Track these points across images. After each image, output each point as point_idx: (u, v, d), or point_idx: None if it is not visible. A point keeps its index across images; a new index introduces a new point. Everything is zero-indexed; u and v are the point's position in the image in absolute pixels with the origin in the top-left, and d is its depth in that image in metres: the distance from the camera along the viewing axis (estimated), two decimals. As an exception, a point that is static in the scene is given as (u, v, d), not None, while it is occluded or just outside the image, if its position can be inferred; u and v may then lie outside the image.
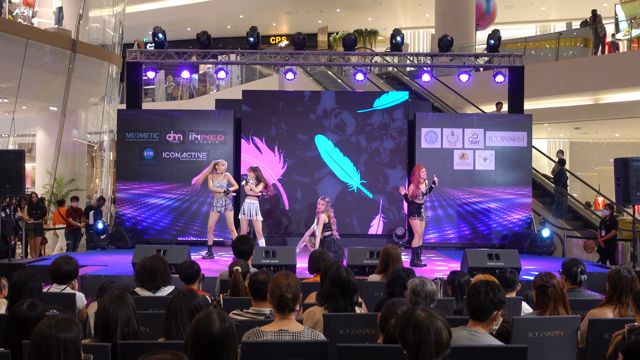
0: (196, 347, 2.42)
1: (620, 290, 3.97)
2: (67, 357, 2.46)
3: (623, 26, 16.33)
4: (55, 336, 2.46)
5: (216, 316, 2.47)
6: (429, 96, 15.60)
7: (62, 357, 2.45)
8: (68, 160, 15.88)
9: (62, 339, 2.47)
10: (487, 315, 3.08)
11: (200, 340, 2.42)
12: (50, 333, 2.47)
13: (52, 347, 2.45)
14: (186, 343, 2.47)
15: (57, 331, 2.48)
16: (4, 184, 8.34)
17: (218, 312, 2.51)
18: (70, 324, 2.53)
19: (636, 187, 8.44)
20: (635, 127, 18.48)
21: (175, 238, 10.98)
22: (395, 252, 5.12)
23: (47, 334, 2.47)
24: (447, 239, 11.14)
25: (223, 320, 2.47)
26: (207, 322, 2.45)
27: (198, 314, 2.56)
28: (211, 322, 2.44)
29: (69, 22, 15.84)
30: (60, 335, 2.48)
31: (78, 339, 2.53)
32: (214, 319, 2.46)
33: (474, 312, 3.10)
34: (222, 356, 2.43)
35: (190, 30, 26.61)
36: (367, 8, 24.02)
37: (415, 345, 2.35)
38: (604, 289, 4.19)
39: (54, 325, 2.49)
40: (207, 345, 2.41)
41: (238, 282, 4.35)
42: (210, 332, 2.42)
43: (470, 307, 3.12)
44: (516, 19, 24.20)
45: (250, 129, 11.35)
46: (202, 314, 2.51)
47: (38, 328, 2.51)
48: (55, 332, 2.47)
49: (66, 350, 2.46)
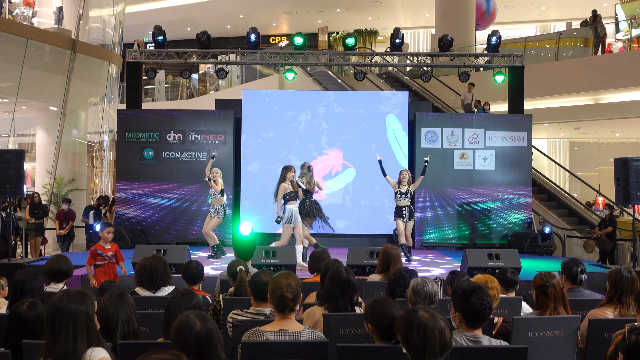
0: (184, 348, 2.44)
1: (620, 290, 3.97)
2: (75, 328, 2.52)
3: (623, 26, 16.33)
4: (66, 307, 2.54)
5: (194, 316, 2.52)
6: (429, 96, 15.61)
7: (70, 328, 2.51)
8: (68, 160, 15.88)
9: (73, 310, 2.54)
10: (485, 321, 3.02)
11: (187, 342, 2.46)
12: (62, 305, 2.55)
13: (63, 318, 2.52)
14: (172, 348, 2.48)
15: (68, 302, 2.56)
16: (4, 183, 8.33)
17: (195, 313, 2.56)
18: (83, 297, 2.61)
19: (636, 187, 8.43)
20: (635, 127, 18.48)
21: (175, 238, 10.98)
22: (396, 252, 5.12)
23: (58, 305, 2.55)
24: (447, 238, 11.13)
25: (203, 319, 2.52)
26: (187, 324, 2.49)
27: (175, 319, 2.59)
28: (191, 323, 2.49)
29: (69, 22, 15.84)
30: (72, 306, 2.55)
31: (90, 312, 2.59)
32: (193, 319, 2.50)
33: (470, 318, 2.99)
34: (211, 353, 2.47)
35: (190, 30, 26.62)
36: (367, 8, 24.02)
37: (420, 347, 2.35)
38: (604, 289, 4.19)
39: (65, 297, 2.58)
40: (195, 345, 2.45)
41: (244, 282, 4.28)
42: (195, 332, 2.47)
43: (466, 313, 2.99)
44: (516, 19, 24.21)
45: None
46: (180, 318, 2.55)
47: (52, 300, 2.60)
48: (67, 304, 2.55)
49: (75, 322, 2.52)
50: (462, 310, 2.98)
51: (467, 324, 2.98)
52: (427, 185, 11.07)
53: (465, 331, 2.99)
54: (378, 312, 2.97)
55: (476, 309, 2.94)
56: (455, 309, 3.02)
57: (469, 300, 2.95)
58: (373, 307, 3.00)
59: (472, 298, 2.94)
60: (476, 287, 3.00)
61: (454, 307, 3.03)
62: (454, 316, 3.02)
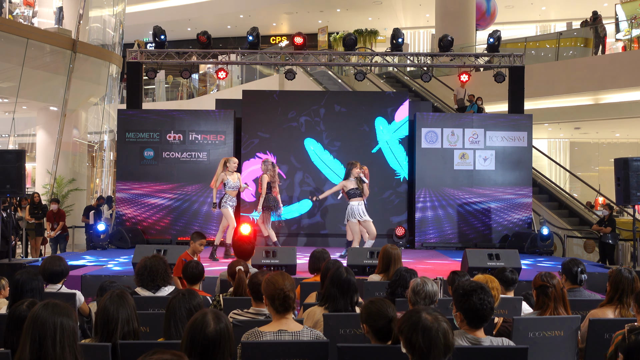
0: (191, 347, 2.42)
1: (621, 290, 3.97)
2: (62, 341, 2.39)
3: (623, 26, 16.33)
4: (50, 319, 2.40)
5: (211, 317, 2.46)
6: (429, 96, 15.61)
7: (57, 340, 2.38)
8: (68, 160, 15.88)
9: (58, 322, 2.40)
10: (486, 321, 3.01)
11: (195, 340, 2.42)
12: (45, 315, 2.40)
13: (46, 329, 2.38)
14: (182, 343, 2.47)
15: (52, 314, 2.41)
16: (4, 184, 8.33)
17: (214, 313, 2.50)
18: (65, 309, 2.47)
19: (636, 187, 8.43)
20: (635, 127, 18.49)
21: (176, 238, 10.97)
22: (395, 252, 5.12)
23: (42, 316, 2.40)
24: (447, 238, 11.13)
25: (218, 321, 2.46)
26: (202, 322, 2.44)
27: (194, 314, 2.55)
28: (206, 322, 2.44)
29: (69, 22, 15.85)
30: (56, 318, 2.41)
31: (73, 324, 2.46)
32: (209, 319, 2.45)
33: (471, 318, 2.98)
34: (217, 357, 2.42)
35: (190, 30, 26.63)
36: (367, 8, 24.03)
37: (425, 350, 2.36)
38: (604, 289, 4.19)
39: (49, 308, 2.43)
40: (201, 346, 2.41)
41: (243, 282, 4.32)
42: (205, 332, 2.42)
43: (467, 313, 2.98)
44: (516, 19, 24.21)
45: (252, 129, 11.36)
46: (198, 314, 2.51)
47: (33, 310, 2.43)
48: (50, 315, 2.41)
49: (62, 334, 2.39)
50: (463, 310, 2.97)
51: (469, 324, 2.98)
52: (427, 185, 11.07)
53: (467, 333, 2.98)
54: (373, 313, 2.97)
55: (477, 309, 2.93)
56: (457, 309, 3.02)
57: (469, 300, 2.94)
58: (368, 308, 3.01)
59: (473, 298, 2.93)
60: (477, 286, 2.99)
61: (455, 306, 3.03)
62: (456, 315, 3.02)
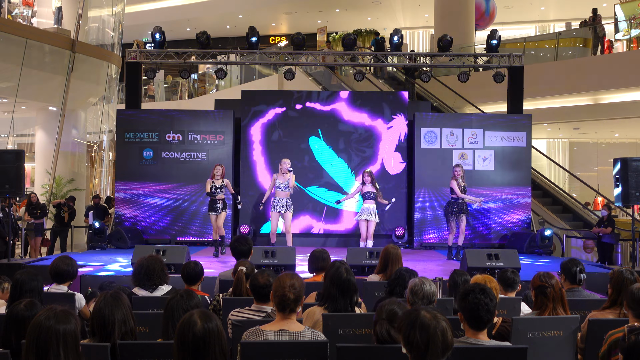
0: (182, 347, 2.44)
1: (623, 292, 3.96)
2: (66, 350, 2.42)
3: (622, 26, 16.33)
4: (54, 327, 2.42)
5: (198, 316, 2.48)
6: (428, 96, 15.60)
7: (61, 349, 2.40)
8: (67, 160, 15.87)
9: (62, 330, 2.42)
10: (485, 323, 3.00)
11: (184, 340, 2.44)
12: (49, 324, 2.42)
13: (50, 338, 2.40)
14: (174, 345, 2.49)
15: (55, 322, 2.43)
16: (3, 184, 8.32)
17: (202, 312, 2.52)
18: (69, 316, 2.49)
19: (636, 187, 8.43)
20: (635, 127, 18.48)
21: (175, 238, 10.97)
22: (395, 252, 5.12)
23: (45, 325, 2.42)
24: (447, 239, 11.10)
25: (206, 320, 2.48)
26: (188, 322, 2.46)
27: (183, 315, 2.57)
28: (193, 321, 2.46)
29: (69, 22, 15.83)
30: (60, 327, 2.43)
31: (77, 332, 2.49)
32: (196, 318, 2.47)
33: (470, 319, 2.97)
34: (207, 356, 2.44)
35: (189, 30, 26.61)
36: (366, 8, 24.03)
37: (422, 347, 2.35)
38: (603, 289, 4.19)
39: (52, 317, 2.45)
40: (192, 345, 2.43)
41: (241, 283, 4.33)
42: (193, 331, 2.44)
43: (465, 313, 2.98)
44: (516, 19, 24.20)
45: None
46: (185, 315, 2.53)
47: (36, 319, 2.46)
48: (54, 324, 2.43)
49: (65, 343, 2.42)
50: (462, 310, 2.99)
51: (469, 325, 2.98)
52: (427, 186, 11.07)
53: (469, 337, 2.96)
54: None
55: (471, 309, 2.93)
56: (458, 309, 3.04)
57: (465, 300, 2.95)
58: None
59: (469, 298, 2.93)
60: (476, 287, 2.99)
61: (457, 306, 3.05)
62: (459, 316, 3.04)
